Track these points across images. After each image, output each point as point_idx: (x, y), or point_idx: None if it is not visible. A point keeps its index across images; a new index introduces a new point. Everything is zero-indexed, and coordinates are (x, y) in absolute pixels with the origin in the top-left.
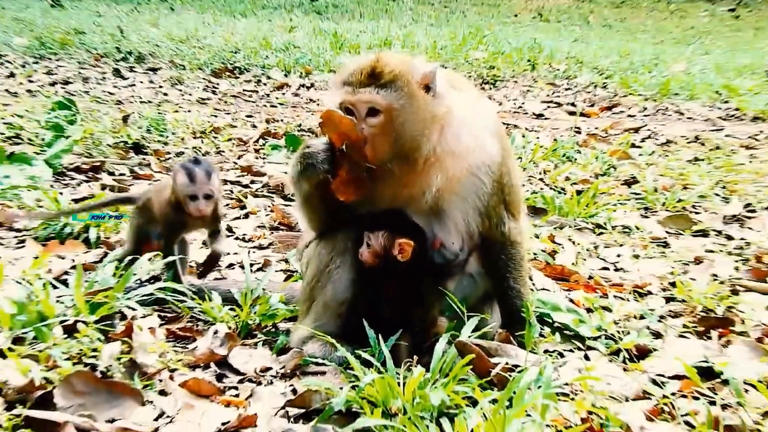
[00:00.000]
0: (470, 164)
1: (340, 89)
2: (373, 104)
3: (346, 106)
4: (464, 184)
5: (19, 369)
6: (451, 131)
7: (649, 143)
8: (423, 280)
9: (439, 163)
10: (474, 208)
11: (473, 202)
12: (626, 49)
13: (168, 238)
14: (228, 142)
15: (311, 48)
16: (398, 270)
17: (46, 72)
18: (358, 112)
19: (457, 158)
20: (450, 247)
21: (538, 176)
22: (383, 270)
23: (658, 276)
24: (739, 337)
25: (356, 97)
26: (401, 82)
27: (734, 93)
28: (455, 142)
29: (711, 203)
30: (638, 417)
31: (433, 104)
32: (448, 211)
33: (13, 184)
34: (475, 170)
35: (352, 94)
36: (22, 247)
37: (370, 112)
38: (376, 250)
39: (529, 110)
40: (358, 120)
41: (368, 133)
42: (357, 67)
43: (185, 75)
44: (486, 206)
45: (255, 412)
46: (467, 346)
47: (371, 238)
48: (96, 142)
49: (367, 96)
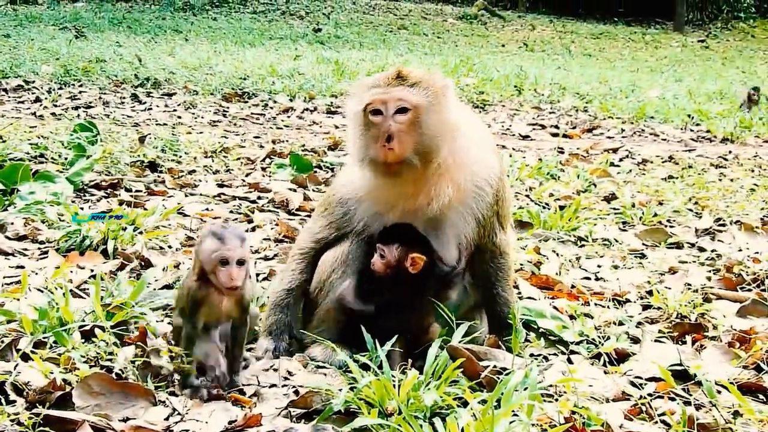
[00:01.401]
0: (475, 176)
1: (366, 92)
2: (403, 101)
3: (376, 105)
4: (468, 194)
5: (41, 371)
6: (460, 143)
7: (627, 162)
8: (426, 290)
9: (449, 174)
10: (474, 218)
11: (474, 212)
12: (605, 76)
13: (190, 324)
14: (237, 161)
15: (315, 75)
16: (405, 281)
17: (70, 97)
18: (387, 109)
19: (464, 169)
20: (447, 260)
21: (524, 193)
22: (391, 280)
23: (636, 285)
24: (711, 342)
25: (388, 95)
26: (426, 84)
27: (705, 116)
28: (464, 154)
29: (684, 218)
30: (618, 416)
31: (450, 111)
32: (449, 223)
33: (37, 199)
34: (479, 182)
35: (384, 93)
36: (45, 257)
37: (399, 110)
38: (389, 261)
39: (515, 132)
40: (385, 118)
41: (395, 130)
42: (382, 74)
43: (198, 99)
44: (483, 217)
45: (260, 412)
46: (458, 350)
47: (385, 250)
48: (114, 161)
49: (399, 93)
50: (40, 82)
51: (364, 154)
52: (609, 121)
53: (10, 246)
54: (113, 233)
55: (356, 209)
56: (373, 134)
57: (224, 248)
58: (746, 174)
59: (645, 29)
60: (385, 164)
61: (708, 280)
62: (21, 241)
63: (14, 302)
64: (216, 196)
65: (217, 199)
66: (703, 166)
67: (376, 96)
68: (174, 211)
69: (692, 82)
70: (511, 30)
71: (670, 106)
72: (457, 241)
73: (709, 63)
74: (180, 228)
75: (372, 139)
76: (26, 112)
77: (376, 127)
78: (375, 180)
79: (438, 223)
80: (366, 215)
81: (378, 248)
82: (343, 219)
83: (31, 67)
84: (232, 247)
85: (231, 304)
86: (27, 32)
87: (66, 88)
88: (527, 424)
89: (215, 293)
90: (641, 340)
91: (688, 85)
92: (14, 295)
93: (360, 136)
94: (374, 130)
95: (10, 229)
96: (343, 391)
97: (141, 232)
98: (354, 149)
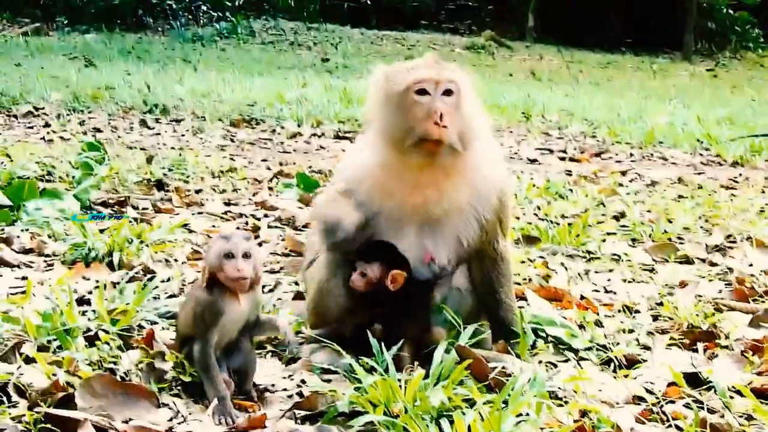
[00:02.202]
0: (486, 179)
1: (409, 72)
2: (453, 82)
3: (425, 84)
4: (478, 196)
5: (44, 372)
6: (478, 145)
7: (636, 184)
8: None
9: (467, 172)
10: (478, 222)
11: (478, 216)
12: (613, 103)
13: (203, 338)
14: (243, 181)
15: (322, 101)
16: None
17: (79, 123)
18: (436, 89)
19: (478, 171)
20: (439, 261)
21: (532, 212)
22: (373, 294)
23: (646, 297)
24: (723, 350)
25: (439, 75)
26: (461, 74)
27: (714, 141)
28: (480, 156)
29: (694, 234)
30: (629, 419)
31: (477, 106)
32: (451, 223)
33: (44, 215)
34: (489, 185)
35: (434, 72)
36: (51, 269)
37: (446, 92)
38: (370, 279)
39: (523, 156)
40: (432, 97)
41: (444, 110)
42: (419, 59)
43: (206, 125)
44: (487, 222)
45: (264, 413)
46: (466, 350)
47: (366, 269)
48: (122, 180)
49: (448, 74)
50: (49, 108)
51: (407, 134)
52: (617, 146)
53: (16, 258)
54: (119, 245)
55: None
56: (418, 114)
57: (229, 243)
58: (757, 194)
59: (653, 59)
60: (434, 143)
61: (719, 292)
62: (27, 254)
63: (18, 309)
64: (223, 214)
65: (224, 217)
66: (713, 187)
67: (426, 75)
68: (180, 226)
69: (701, 109)
70: (519, 59)
71: (679, 131)
72: (455, 242)
73: (717, 91)
74: (186, 243)
75: (418, 119)
76: (35, 136)
77: (420, 107)
78: (398, 163)
79: (439, 222)
80: (369, 203)
81: (358, 266)
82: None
83: (41, 94)
84: (236, 242)
85: (247, 305)
86: (37, 61)
87: (75, 114)
88: (535, 421)
89: (227, 296)
90: (652, 348)
91: (697, 112)
92: (19, 302)
93: (399, 117)
94: (419, 110)
95: (16, 242)
96: (348, 393)
97: (147, 245)
98: (388, 131)
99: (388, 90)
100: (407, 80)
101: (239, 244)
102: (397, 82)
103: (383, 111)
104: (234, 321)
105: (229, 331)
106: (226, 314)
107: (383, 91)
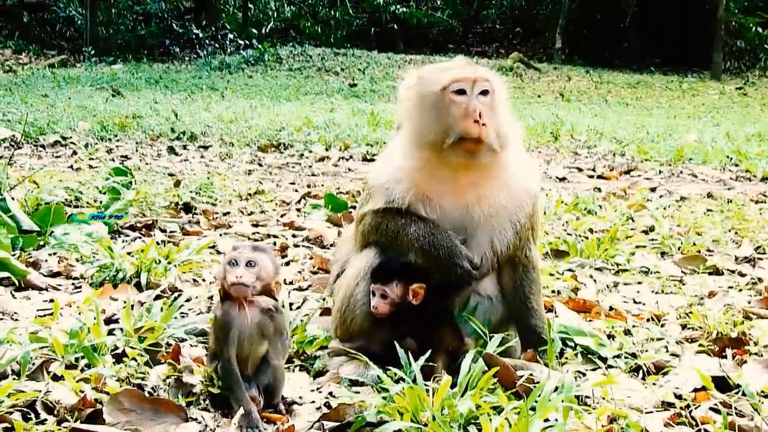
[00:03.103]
0: (521, 183)
1: (445, 72)
2: (489, 82)
3: (463, 84)
4: (513, 200)
5: (72, 388)
6: (512, 148)
7: (665, 199)
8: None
9: (504, 176)
10: (513, 226)
11: (513, 220)
12: (642, 122)
13: (222, 354)
14: (271, 203)
15: (350, 125)
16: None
17: (107, 151)
18: (473, 89)
19: (514, 174)
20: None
21: (561, 227)
22: (397, 314)
23: (675, 307)
24: (752, 357)
25: (476, 74)
26: (495, 74)
27: (744, 157)
28: (515, 160)
29: (724, 246)
30: (657, 424)
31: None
32: (487, 227)
33: (72, 241)
34: (524, 189)
35: (470, 72)
36: (78, 291)
37: (482, 92)
38: (393, 300)
39: (552, 175)
40: (469, 97)
41: (483, 109)
42: (452, 61)
43: (233, 151)
44: (521, 227)
45: (292, 425)
46: (494, 357)
47: (386, 290)
48: (149, 204)
49: (485, 73)
50: (77, 137)
51: (446, 134)
52: (646, 164)
53: (44, 282)
54: (146, 266)
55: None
56: (457, 113)
57: (235, 252)
58: None
59: (682, 78)
60: (474, 141)
61: (748, 302)
62: (55, 277)
63: (46, 330)
64: (251, 235)
65: (252, 238)
66: (742, 202)
67: (463, 74)
68: (207, 247)
69: (730, 126)
70: (547, 81)
71: (708, 148)
72: (489, 247)
73: (747, 109)
74: (214, 263)
75: (457, 118)
76: (63, 165)
77: (459, 107)
78: (436, 164)
79: (475, 225)
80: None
81: (376, 290)
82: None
83: (69, 124)
84: (241, 251)
85: (256, 317)
86: (65, 92)
87: (102, 142)
88: (563, 425)
89: (236, 308)
90: (680, 356)
91: (726, 129)
92: (46, 322)
93: (437, 118)
94: (457, 109)
95: (44, 266)
96: (375, 402)
97: (174, 266)
98: (425, 133)
99: (423, 91)
100: (444, 80)
101: (243, 253)
102: (434, 83)
103: (419, 113)
104: (244, 333)
105: (244, 343)
106: (233, 327)
107: (418, 93)
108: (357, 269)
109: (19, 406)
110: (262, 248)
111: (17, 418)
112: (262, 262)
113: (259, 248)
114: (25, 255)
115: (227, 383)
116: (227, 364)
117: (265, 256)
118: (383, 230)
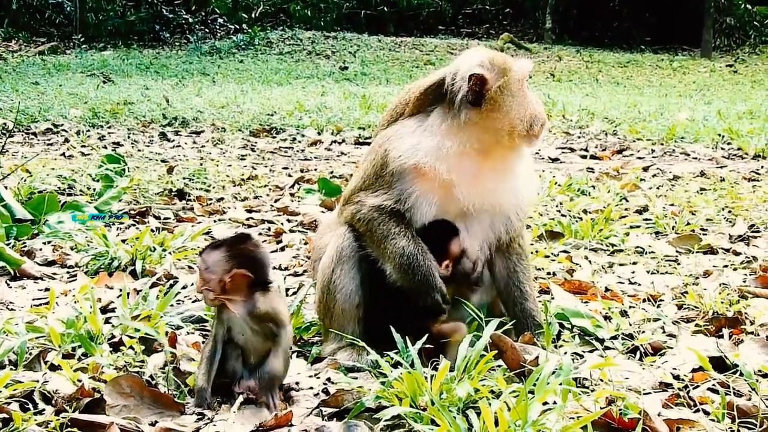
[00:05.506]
0: (525, 176)
1: (518, 60)
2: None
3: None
4: (517, 192)
5: (69, 378)
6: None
7: (658, 179)
8: None
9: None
10: (515, 216)
11: (515, 211)
12: (633, 101)
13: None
14: (265, 188)
15: (342, 109)
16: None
17: (99, 138)
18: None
19: (524, 163)
20: (471, 254)
21: (555, 208)
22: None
23: (670, 287)
24: (749, 336)
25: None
26: None
27: (735, 135)
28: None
29: (718, 225)
30: (656, 405)
31: None
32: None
33: (66, 230)
34: (527, 182)
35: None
36: (74, 280)
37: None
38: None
39: (545, 156)
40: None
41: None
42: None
43: (226, 136)
44: (517, 218)
45: (290, 411)
46: (501, 338)
47: (452, 245)
48: (143, 190)
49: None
50: (68, 124)
51: (526, 122)
52: (639, 143)
53: (38, 270)
54: (141, 254)
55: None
56: (534, 101)
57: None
58: None
59: (672, 56)
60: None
61: (743, 281)
62: (50, 266)
63: (42, 319)
64: (245, 221)
65: (246, 223)
66: (735, 180)
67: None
68: (202, 233)
69: (721, 104)
70: (538, 61)
71: (699, 126)
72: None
73: (738, 86)
74: None
75: (536, 106)
76: (55, 153)
77: (532, 95)
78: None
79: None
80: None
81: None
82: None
83: (60, 111)
84: (203, 257)
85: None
86: (55, 79)
87: (94, 129)
88: (562, 407)
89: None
90: (677, 336)
91: (717, 107)
92: (42, 312)
93: (520, 105)
94: (533, 98)
95: (39, 255)
96: (374, 387)
97: (169, 253)
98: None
99: (506, 78)
100: (526, 69)
101: (201, 259)
102: (517, 71)
103: (508, 100)
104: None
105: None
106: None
107: (495, 80)
108: (328, 255)
109: (17, 396)
110: (218, 245)
111: (15, 409)
112: (211, 260)
113: (215, 245)
114: (19, 244)
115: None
116: (211, 340)
117: (216, 253)
118: (374, 228)
